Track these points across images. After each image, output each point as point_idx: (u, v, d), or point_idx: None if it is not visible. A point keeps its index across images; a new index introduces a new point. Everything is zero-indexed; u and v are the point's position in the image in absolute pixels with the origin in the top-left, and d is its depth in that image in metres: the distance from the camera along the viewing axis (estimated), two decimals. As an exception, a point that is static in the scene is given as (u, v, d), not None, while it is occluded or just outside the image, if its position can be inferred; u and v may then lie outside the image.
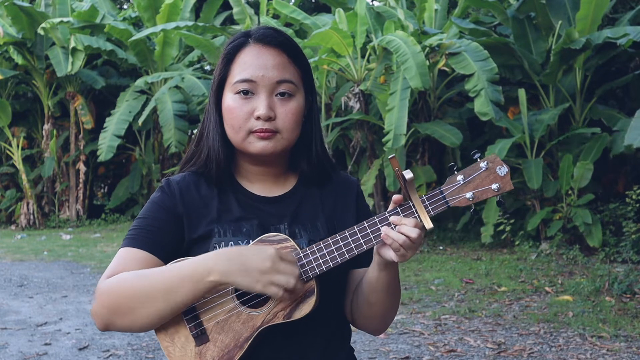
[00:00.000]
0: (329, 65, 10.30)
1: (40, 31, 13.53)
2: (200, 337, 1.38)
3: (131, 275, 1.37)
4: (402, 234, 1.33)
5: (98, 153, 13.52)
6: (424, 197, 1.38)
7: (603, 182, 9.89)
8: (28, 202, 15.21)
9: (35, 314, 6.30)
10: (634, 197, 8.01)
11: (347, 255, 1.38)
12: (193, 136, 1.54)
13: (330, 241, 1.38)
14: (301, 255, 1.37)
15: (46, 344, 5.21)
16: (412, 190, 1.36)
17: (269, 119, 1.43)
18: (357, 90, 10.35)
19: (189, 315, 1.38)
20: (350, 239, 1.38)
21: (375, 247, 1.40)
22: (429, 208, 1.37)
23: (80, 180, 15.29)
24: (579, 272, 7.41)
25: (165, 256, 1.44)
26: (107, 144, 13.27)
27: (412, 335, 5.30)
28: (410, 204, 1.38)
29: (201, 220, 1.47)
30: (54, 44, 14.59)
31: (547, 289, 6.74)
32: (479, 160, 1.38)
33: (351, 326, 1.61)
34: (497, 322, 5.64)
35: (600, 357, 4.65)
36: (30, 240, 12.80)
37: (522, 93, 8.74)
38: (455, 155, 10.38)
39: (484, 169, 1.37)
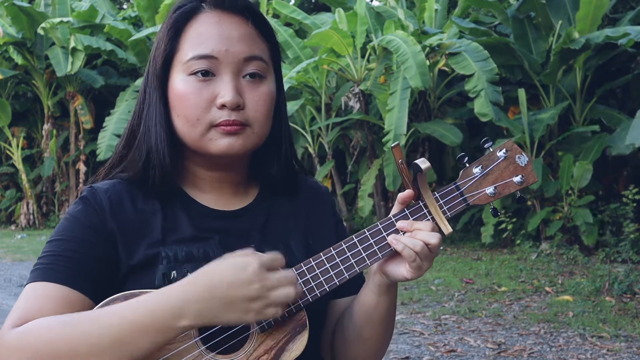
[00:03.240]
0: (329, 65, 10.29)
1: (40, 31, 13.53)
2: None
3: (56, 322, 0.99)
4: (418, 240, 1.07)
5: (97, 152, 13.51)
6: (437, 195, 1.12)
7: (603, 182, 9.89)
8: (28, 202, 15.21)
9: (35, 314, 6.30)
10: (630, 197, 8.02)
11: (346, 275, 1.08)
12: (123, 133, 1.23)
13: (324, 257, 1.08)
14: None
15: (46, 344, 5.21)
16: (424, 187, 1.10)
17: (237, 107, 1.11)
18: (357, 90, 10.35)
19: None
20: (349, 253, 1.09)
21: (376, 265, 1.13)
22: (445, 208, 1.12)
23: (80, 180, 15.27)
24: (579, 272, 7.40)
25: (95, 292, 1.07)
26: (106, 143, 13.25)
27: (412, 335, 5.29)
28: (422, 204, 1.11)
29: (141, 242, 1.11)
30: (53, 44, 14.59)
31: (547, 289, 6.74)
32: (491, 149, 1.14)
33: None
34: (497, 322, 5.63)
35: (600, 357, 4.64)
36: (30, 240, 12.79)
37: (522, 93, 8.74)
38: (455, 155, 10.38)
39: (502, 158, 1.13)
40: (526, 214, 9.32)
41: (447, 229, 1.10)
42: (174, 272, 1.10)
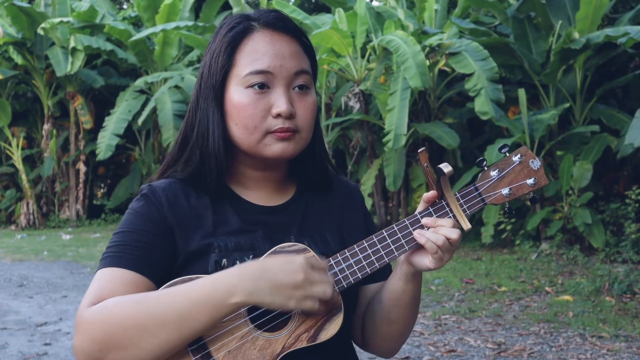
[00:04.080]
0: (329, 65, 10.30)
1: (40, 31, 13.53)
2: None
3: (126, 300, 1.15)
4: (440, 235, 1.22)
5: (97, 152, 13.51)
6: (458, 195, 1.26)
7: (604, 182, 9.89)
8: (28, 202, 15.20)
9: (35, 314, 6.30)
10: (633, 197, 8.02)
11: (377, 264, 1.23)
12: (176, 138, 1.38)
13: (357, 249, 1.23)
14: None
15: (46, 344, 5.21)
16: (446, 188, 1.24)
17: (290, 116, 1.26)
18: (357, 90, 10.35)
19: (195, 344, 1.17)
20: (379, 245, 1.23)
21: (403, 256, 1.27)
22: (465, 207, 1.25)
23: (80, 180, 15.28)
24: (579, 272, 7.40)
25: (157, 277, 1.22)
26: (106, 142, 13.26)
27: (412, 335, 5.29)
28: (444, 202, 1.25)
29: (195, 234, 1.27)
30: (53, 44, 14.59)
31: (547, 289, 6.74)
32: (507, 154, 1.27)
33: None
34: (497, 322, 5.64)
35: (600, 357, 4.65)
36: (30, 240, 12.79)
37: (522, 93, 8.75)
38: (455, 155, 10.38)
39: (517, 162, 1.27)
40: (526, 214, 9.32)
41: (466, 225, 1.23)
42: (225, 260, 1.25)
